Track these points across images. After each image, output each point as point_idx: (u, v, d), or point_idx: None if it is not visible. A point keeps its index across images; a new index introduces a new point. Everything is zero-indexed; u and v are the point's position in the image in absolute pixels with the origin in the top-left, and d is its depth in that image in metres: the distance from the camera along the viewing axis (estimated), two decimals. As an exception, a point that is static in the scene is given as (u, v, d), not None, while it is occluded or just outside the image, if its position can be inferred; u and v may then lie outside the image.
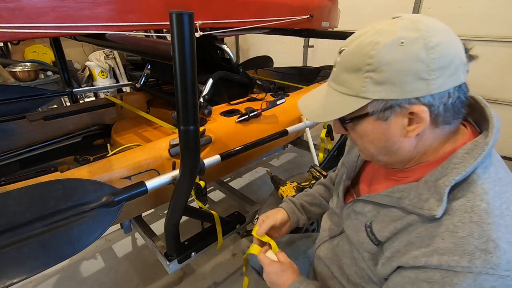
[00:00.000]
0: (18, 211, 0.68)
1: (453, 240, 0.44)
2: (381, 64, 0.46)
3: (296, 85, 1.89)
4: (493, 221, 0.43)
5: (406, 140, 0.51)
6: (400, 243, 0.51)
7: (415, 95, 0.46)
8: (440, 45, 0.45)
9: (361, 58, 0.48)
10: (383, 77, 0.46)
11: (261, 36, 2.28)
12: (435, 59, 0.44)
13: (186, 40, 0.63)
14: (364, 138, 0.55)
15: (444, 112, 0.48)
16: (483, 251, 0.42)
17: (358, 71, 0.48)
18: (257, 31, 1.79)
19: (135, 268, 1.61)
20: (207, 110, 1.28)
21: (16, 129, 1.35)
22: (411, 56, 0.44)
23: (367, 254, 0.59)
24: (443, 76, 0.45)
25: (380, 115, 0.49)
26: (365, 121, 0.52)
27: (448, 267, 0.43)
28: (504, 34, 2.30)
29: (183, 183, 0.89)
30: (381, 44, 0.46)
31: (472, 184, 0.46)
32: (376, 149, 0.55)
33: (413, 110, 0.47)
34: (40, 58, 3.47)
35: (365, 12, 3.01)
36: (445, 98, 0.46)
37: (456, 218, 0.45)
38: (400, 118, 0.49)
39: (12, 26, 0.80)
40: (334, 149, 1.78)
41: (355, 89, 0.49)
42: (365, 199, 0.61)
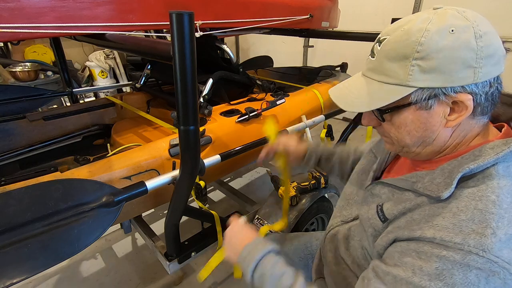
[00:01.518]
0: (18, 211, 0.68)
1: (453, 220, 0.45)
2: (431, 51, 0.45)
3: (296, 85, 1.89)
4: (497, 212, 0.43)
5: (444, 130, 0.51)
6: (403, 220, 0.52)
7: (461, 83, 0.46)
8: (488, 34, 0.45)
9: (409, 46, 0.47)
10: (432, 65, 0.46)
11: (261, 36, 2.27)
12: (483, 47, 0.45)
13: (186, 40, 0.63)
14: (401, 128, 0.54)
15: (484, 102, 0.48)
16: (479, 234, 0.42)
17: (404, 59, 0.48)
18: (257, 31, 1.79)
19: (135, 268, 1.61)
20: (207, 110, 1.28)
21: (16, 129, 1.35)
22: (461, 43, 0.45)
23: (371, 230, 0.60)
24: (489, 64, 0.45)
25: (423, 104, 0.49)
26: (406, 110, 0.51)
27: (441, 241, 0.44)
28: (504, 34, 2.30)
29: (183, 183, 0.89)
30: (431, 31, 0.46)
31: (488, 177, 0.47)
32: (412, 140, 0.54)
33: (458, 98, 0.47)
34: (40, 58, 3.47)
35: (365, 12, 3.01)
36: (487, 87, 0.47)
37: (462, 203, 0.46)
38: (442, 107, 0.49)
39: (12, 26, 0.80)
40: (334, 149, 1.78)
41: (400, 78, 0.49)
42: (384, 182, 0.62)
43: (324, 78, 2.07)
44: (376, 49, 0.52)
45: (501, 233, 0.42)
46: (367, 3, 2.97)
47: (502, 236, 0.42)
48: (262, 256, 0.63)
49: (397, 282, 0.47)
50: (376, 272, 0.52)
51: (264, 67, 2.38)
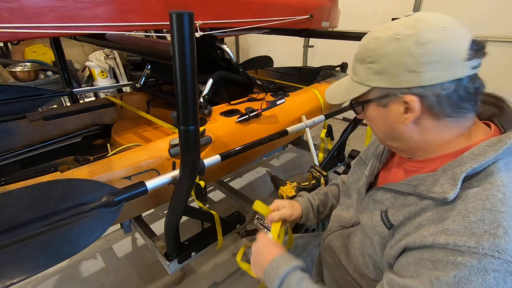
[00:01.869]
0: (18, 211, 0.68)
1: (463, 223, 0.45)
2: (379, 56, 0.53)
3: (296, 85, 1.89)
4: (506, 210, 0.44)
5: (405, 127, 0.55)
6: (411, 226, 0.53)
7: (406, 86, 0.51)
8: (432, 41, 0.48)
9: (365, 51, 0.55)
10: (380, 68, 0.53)
11: (261, 36, 2.27)
12: (425, 53, 0.48)
13: (186, 40, 0.63)
14: (372, 122, 0.61)
15: (437, 104, 0.51)
16: (491, 235, 0.43)
17: (363, 62, 0.56)
18: (257, 31, 1.79)
19: (135, 268, 1.61)
20: (207, 110, 1.28)
21: (16, 129, 1.35)
22: (402, 50, 0.50)
23: (377, 238, 0.60)
24: (434, 69, 0.49)
25: (380, 102, 0.56)
26: (370, 106, 0.59)
27: (454, 246, 0.44)
28: (504, 34, 2.30)
29: (183, 183, 0.89)
30: (380, 39, 0.53)
31: (491, 175, 0.48)
32: (381, 134, 0.61)
33: (406, 99, 0.52)
34: (40, 58, 3.47)
35: (365, 12, 3.01)
36: (439, 90, 0.50)
37: (469, 204, 0.47)
38: (397, 106, 0.54)
39: (12, 26, 0.80)
40: (334, 149, 1.78)
41: (361, 77, 0.57)
42: (386, 187, 0.63)
43: (324, 78, 2.07)
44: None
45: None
46: (367, 3, 2.97)
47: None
48: (287, 273, 0.63)
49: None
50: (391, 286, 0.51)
51: (264, 67, 2.38)
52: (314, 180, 1.30)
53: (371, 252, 0.63)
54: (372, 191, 0.68)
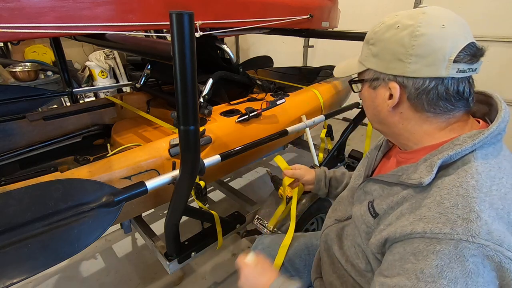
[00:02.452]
0: (18, 211, 0.68)
1: (438, 209, 0.47)
2: (378, 40, 0.56)
3: (296, 85, 1.89)
4: (478, 196, 0.45)
5: (388, 112, 0.59)
6: (393, 216, 0.55)
7: (392, 73, 0.54)
8: (427, 35, 0.50)
9: (370, 33, 0.59)
10: (376, 51, 0.56)
11: (261, 36, 2.27)
12: (415, 46, 0.50)
13: (186, 40, 0.63)
14: (364, 102, 0.65)
15: (415, 97, 0.53)
16: (464, 220, 0.44)
17: (366, 43, 0.59)
18: (257, 31, 1.79)
19: (135, 268, 1.62)
20: (207, 110, 1.28)
21: (16, 129, 1.35)
22: (397, 39, 0.53)
23: (363, 227, 0.63)
24: (419, 63, 0.51)
25: (371, 83, 0.60)
26: (364, 86, 0.63)
27: (431, 234, 0.46)
28: (504, 34, 2.30)
29: (183, 183, 0.89)
30: (384, 24, 0.56)
31: (467, 163, 0.50)
32: (370, 115, 0.65)
33: (390, 85, 0.55)
34: (40, 58, 3.47)
35: (365, 12, 3.01)
36: (419, 84, 0.52)
37: (444, 191, 0.48)
38: (383, 91, 0.57)
39: (12, 26, 0.80)
40: (334, 149, 1.78)
41: (362, 57, 0.61)
42: (375, 178, 0.66)
43: (324, 78, 2.07)
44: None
45: (485, 215, 0.44)
46: (367, 3, 2.97)
47: (487, 219, 0.44)
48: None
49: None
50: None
51: (264, 67, 2.38)
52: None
53: (359, 241, 0.66)
54: (363, 183, 0.70)
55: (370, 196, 0.65)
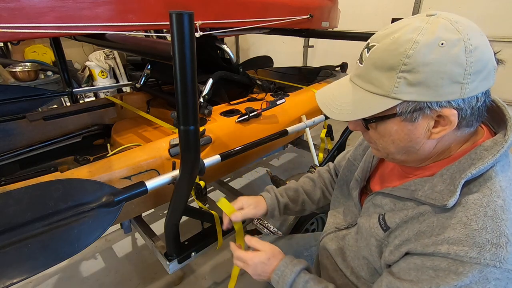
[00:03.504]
0: (18, 211, 0.68)
1: (465, 231, 0.44)
2: (419, 64, 0.44)
3: (296, 85, 1.89)
4: (508, 217, 0.43)
5: (428, 141, 0.51)
6: (410, 232, 0.51)
7: (447, 98, 0.45)
8: (478, 49, 0.44)
9: (397, 57, 0.45)
10: (418, 79, 0.45)
11: (261, 36, 2.28)
12: (472, 63, 0.43)
13: (186, 40, 0.63)
14: (385, 137, 0.53)
15: (470, 116, 0.47)
16: (494, 244, 0.42)
17: (391, 70, 0.46)
18: (257, 31, 1.79)
19: (135, 268, 1.61)
20: (207, 110, 1.28)
21: (16, 129, 1.35)
22: (450, 58, 0.43)
23: (373, 240, 0.59)
24: (477, 80, 0.44)
25: (408, 117, 0.48)
26: (391, 121, 0.50)
27: (456, 256, 0.44)
28: (504, 34, 2.30)
29: (183, 183, 0.89)
30: (420, 44, 0.44)
31: (489, 180, 0.47)
32: (396, 149, 0.54)
33: (442, 113, 0.46)
34: (40, 58, 3.47)
35: (365, 12, 3.01)
36: (474, 102, 0.46)
37: (470, 211, 0.45)
38: (427, 120, 0.48)
39: (12, 26, 0.80)
40: (334, 149, 1.78)
41: (386, 89, 0.47)
42: (384, 192, 0.61)
43: (324, 78, 2.07)
44: (365, 56, 0.51)
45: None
46: (367, 3, 2.97)
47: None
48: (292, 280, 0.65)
49: None
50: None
51: (264, 67, 2.38)
52: (314, 180, 1.29)
53: (367, 254, 0.63)
54: (371, 195, 0.66)
55: (380, 209, 0.61)
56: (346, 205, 0.78)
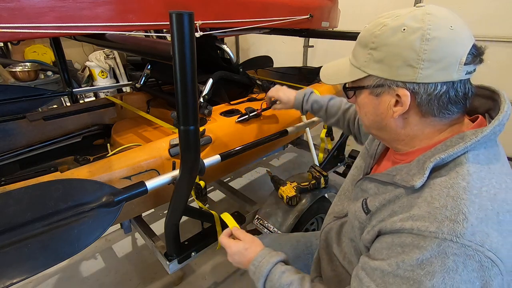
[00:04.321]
0: (18, 211, 0.68)
1: (428, 209, 0.48)
2: (381, 44, 0.51)
3: (296, 85, 1.88)
4: (468, 197, 0.46)
5: (392, 119, 0.56)
6: (385, 213, 0.56)
7: (402, 79, 0.51)
8: (438, 39, 0.48)
9: (369, 36, 0.53)
10: (380, 56, 0.52)
11: (261, 36, 2.27)
12: (427, 51, 0.48)
13: (186, 40, 0.63)
14: (361, 109, 0.62)
15: (427, 103, 0.51)
16: (451, 221, 0.45)
17: (365, 47, 0.55)
18: (257, 31, 1.79)
19: (135, 268, 1.62)
20: (207, 110, 1.28)
21: (16, 129, 1.35)
22: (406, 43, 0.49)
23: (356, 223, 0.64)
24: (431, 68, 0.48)
25: (373, 90, 0.56)
26: (363, 93, 0.59)
27: (418, 231, 0.47)
28: (504, 34, 2.30)
29: (183, 183, 0.89)
30: (387, 27, 0.51)
31: (458, 165, 0.50)
32: (369, 122, 0.61)
33: (399, 92, 0.52)
34: (40, 58, 3.47)
35: (365, 12, 3.01)
36: (431, 90, 0.50)
37: (435, 191, 0.49)
38: (388, 97, 0.54)
39: (12, 26, 0.80)
40: (334, 149, 1.78)
41: (360, 62, 0.56)
42: (370, 177, 0.66)
43: (324, 78, 2.07)
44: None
45: (472, 218, 0.44)
46: (367, 3, 2.97)
47: (474, 221, 0.44)
48: (268, 271, 0.67)
49: (385, 276, 0.51)
50: (365, 269, 0.55)
51: (264, 67, 2.38)
52: (314, 180, 1.30)
53: (352, 236, 0.67)
54: (360, 181, 0.71)
55: (365, 194, 0.66)
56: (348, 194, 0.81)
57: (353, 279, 0.58)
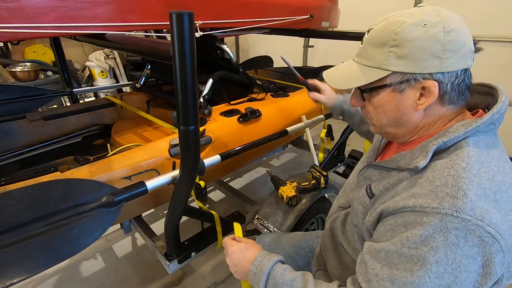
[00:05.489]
0: (18, 211, 0.68)
1: (429, 187, 0.50)
2: (404, 40, 0.52)
3: (296, 85, 1.89)
4: (467, 176, 0.49)
5: (415, 113, 0.57)
6: (388, 195, 0.58)
7: (429, 71, 0.52)
8: (456, 31, 0.51)
9: (388, 34, 0.54)
10: (405, 52, 0.53)
11: (261, 36, 2.28)
12: (450, 41, 0.51)
13: (186, 40, 0.63)
14: (378, 108, 0.61)
15: (450, 91, 0.54)
16: (452, 196, 0.47)
17: (383, 46, 0.55)
18: (257, 31, 1.79)
19: (135, 268, 1.62)
20: (207, 110, 1.28)
21: (16, 129, 1.35)
22: (431, 36, 0.51)
23: (361, 208, 0.65)
24: (454, 57, 0.51)
25: (396, 87, 0.56)
26: (383, 91, 0.58)
27: (421, 208, 0.49)
28: (504, 34, 2.30)
29: (183, 183, 0.89)
30: (407, 24, 0.53)
31: (459, 148, 0.53)
32: (387, 120, 0.61)
33: (425, 84, 0.53)
34: (40, 58, 3.47)
35: (365, 12, 3.01)
36: (453, 78, 0.53)
37: (436, 172, 0.52)
38: (413, 92, 0.55)
39: (12, 26, 0.80)
40: (334, 149, 1.78)
41: (378, 62, 0.56)
42: (374, 164, 0.68)
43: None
44: (365, 37, 0.60)
45: (471, 194, 0.47)
46: (367, 3, 2.97)
47: (472, 197, 0.46)
48: (270, 269, 0.67)
49: (389, 256, 0.52)
50: (370, 253, 0.56)
51: (264, 67, 2.38)
52: (314, 180, 1.30)
53: (356, 222, 0.68)
54: (363, 169, 0.72)
55: (369, 181, 0.67)
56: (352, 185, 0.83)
57: (358, 265, 0.59)
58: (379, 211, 0.57)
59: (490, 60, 2.35)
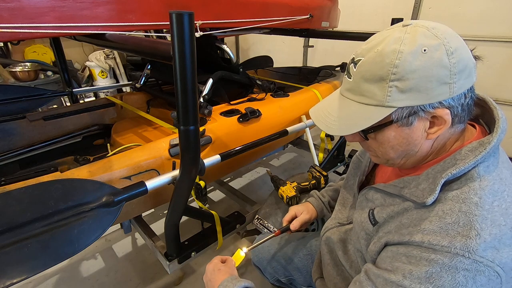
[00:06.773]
0: (18, 211, 0.68)
1: (440, 224, 0.47)
2: (407, 72, 0.47)
3: (296, 85, 1.89)
4: (480, 214, 0.45)
5: (426, 141, 0.53)
6: (392, 225, 0.55)
7: (439, 99, 0.48)
8: (458, 50, 0.47)
9: (384, 68, 0.48)
10: (408, 85, 0.47)
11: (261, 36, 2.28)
12: (455, 63, 0.46)
13: (186, 40, 0.63)
14: (384, 144, 0.55)
15: (461, 112, 0.50)
16: (464, 236, 0.44)
17: (381, 81, 0.49)
18: (257, 31, 1.79)
19: (135, 268, 1.61)
20: (207, 110, 1.28)
21: (16, 129, 1.35)
22: (435, 62, 0.46)
23: (363, 233, 0.63)
24: (462, 79, 0.47)
25: (404, 122, 0.50)
26: (388, 128, 0.52)
27: (429, 244, 0.46)
28: (504, 34, 2.30)
29: (183, 183, 0.89)
30: (405, 53, 0.47)
31: (470, 179, 0.49)
32: (396, 154, 0.56)
33: (436, 114, 0.49)
34: (40, 58, 3.47)
35: (365, 12, 3.01)
36: (462, 99, 0.49)
37: (447, 206, 0.48)
38: (422, 122, 0.51)
39: (12, 26, 0.80)
40: (334, 149, 1.79)
41: (378, 99, 0.50)
42: (376, 187, 0.65)
43: (324, 78, 2.07)
44: (352, 70, 0.53)
45: (485, 234, 0.44)
46: (367, 3, 2.97)
47: (486, 237, 0.44)
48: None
49: (388, 284, 0.49)
50: (367, 274, 0.54)
51: (264, 67, 2.38)
52: (314, 180, 1.30)
53: (359, 247, 0.66)
54: (365, 189, 0.69)
55: (371, 204, 0.64)
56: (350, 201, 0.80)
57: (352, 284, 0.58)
58: (383, 242, 0.55)
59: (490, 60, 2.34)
